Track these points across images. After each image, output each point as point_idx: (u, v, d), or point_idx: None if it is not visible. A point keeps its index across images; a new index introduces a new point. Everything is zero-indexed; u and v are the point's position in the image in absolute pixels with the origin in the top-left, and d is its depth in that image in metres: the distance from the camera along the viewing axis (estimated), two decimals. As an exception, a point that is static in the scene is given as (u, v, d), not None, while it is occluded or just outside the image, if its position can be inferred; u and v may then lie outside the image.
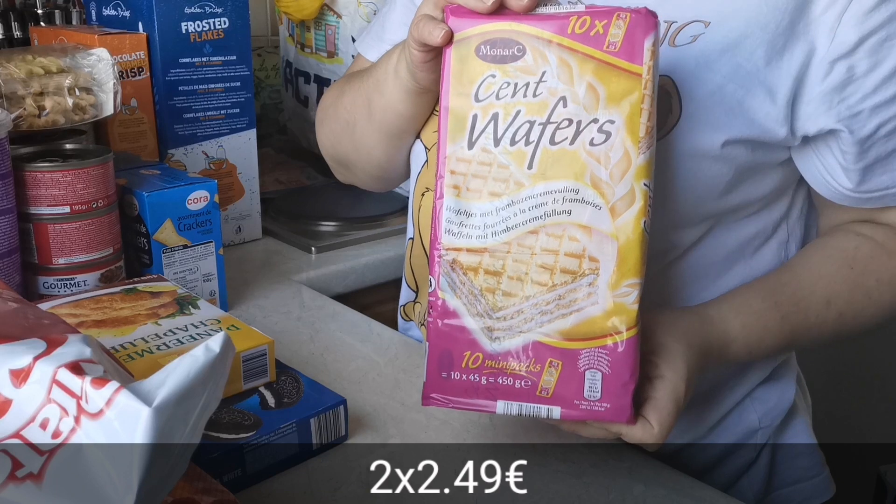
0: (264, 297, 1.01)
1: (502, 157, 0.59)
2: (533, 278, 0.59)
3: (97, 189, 0.83)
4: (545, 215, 0.58)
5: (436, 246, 0.60)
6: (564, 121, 0.58)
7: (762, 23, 0.68)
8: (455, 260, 0.59)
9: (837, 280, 0.75)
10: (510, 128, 0.59)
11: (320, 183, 1.43)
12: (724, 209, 0.75)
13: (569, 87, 0.58)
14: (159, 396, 0.40)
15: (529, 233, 0.59)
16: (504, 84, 0.59)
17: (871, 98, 0.69)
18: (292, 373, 0.75)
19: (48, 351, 0.44)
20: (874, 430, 1.70)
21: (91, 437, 0.40)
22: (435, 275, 0.60)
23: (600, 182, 0.58)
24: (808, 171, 0.76)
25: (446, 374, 0.60)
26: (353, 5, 1.32)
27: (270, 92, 1.68)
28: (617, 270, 0.58)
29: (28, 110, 0.84)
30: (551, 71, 0.58)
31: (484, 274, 0.59)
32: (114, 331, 0.72)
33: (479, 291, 0.59)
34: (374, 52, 0.93)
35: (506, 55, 0.59)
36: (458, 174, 0.59)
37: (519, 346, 0.59)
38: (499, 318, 0.59)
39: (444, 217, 0.60)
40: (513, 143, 0.59)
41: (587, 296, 0.58)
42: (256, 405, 0.69)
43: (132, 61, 1.03)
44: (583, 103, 0.58)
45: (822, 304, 0.74)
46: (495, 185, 0.59)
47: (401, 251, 1.17)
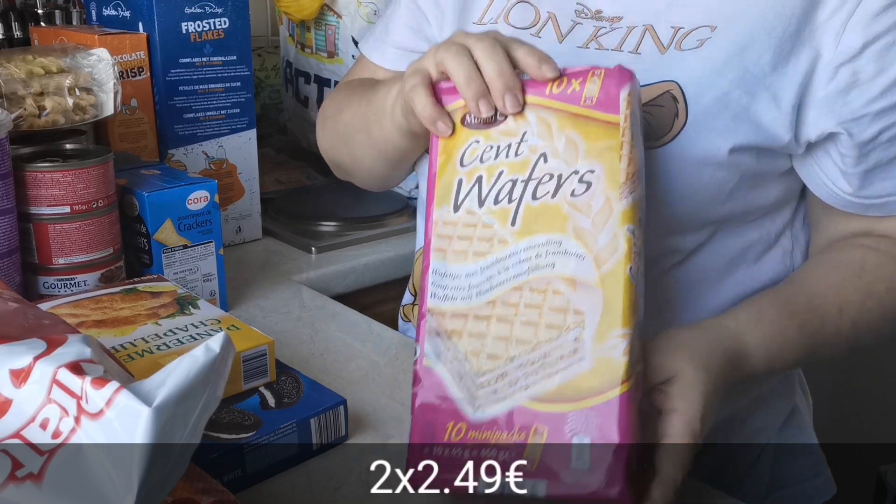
0: (264, 298, 1.01)
1: (486, 217, 0.59)
2: (517, 337, 0.56)
3: (97, 189, 0.83)
4: (529, 270, 0.57)
5: (422, 311, 0.59)
6: (545, 175, 0.59)
7: (768, 28, 0.68)
8: (440, 324, 0.58)
9: (848, 289, 0.72)
10: (493, 188, 0.59)
11: (320, 183, 1.43)
12: (726, 215, 0.75)
13: (549, 142, 0.59)
14: (159, 396, 0.40)
15: (513, 289, 0.57)
16: (487, 147, 0.60)
17: (875, 102, 0.68)
18: (292, 373, 0.75)
19: (48, 351, 0.44)
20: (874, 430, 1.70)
21: (91, 437, 0.40)
22: (420, 341, 0.58)
23: (583, 232, 0.57)
24: (808, 177, 0.76)
25: (429, 449, 0.56)
26: (353, 5, 1.32)
27: (270, 92, 1.68)
28: (602, 321, 0.55)
29: (28, 110, 0.84)
30: (531, 129, 0.60)
31: (468, 337, 0.57)
32: (114, 331, 0.72)
33: (463, 356, 0.57)
34: (378, 54, 0.93)
35: (488, 120, 0.61)
36: (444, 237, 0.60)
37: (503, 412, 0.55)
38: (482, 385, 0.56)
39: (430, 280, 0.59)
40: (496, 202, 0.59)
41: (573, 352, 0.55)
42: (256, 405, 0.69)
43: (132, 61, 1.03)
44: (563, 157, 0.58)
45: (836, 312, 0.71)
46: (480, 244, 0.59)
47: (401, 251, 1.17)
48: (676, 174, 0.71)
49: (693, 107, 0.69)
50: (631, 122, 0.58)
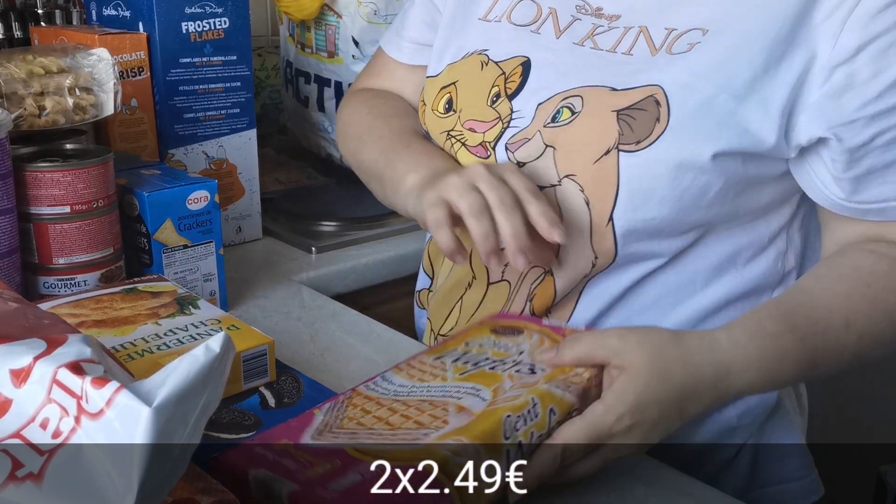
0: (264, 297, 1.01)
1: (450, 367, 0.67)
2: (387, 419, 0.61)
3: (97, 189, 0.83)
4: (440, 395, 0.63)
5: (347, 391, 0.65)
6: (510, 361, 0.67)
7: (761, 30, 0.68)
8: (352, 398, 0.64)
9: (855, 299, 0.70)
10: (471, 359, 0.68)
11: (320, 183, 1.43)
12: (711, 220, 0.74)
13: (531, 362, 0.66)
14: (159, 396, 0.40)
15: (420, 400, 0.62)
16: (494, 342, 0.70)
17: (872, 105, 0.67)
18: (292, 373, 0.75)
19: (48, 351, 0.44)
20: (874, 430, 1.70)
21: (91, 437, 0.40)
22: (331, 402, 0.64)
23: (500, 390, 0.62)
24: (804, 181, 0.75)
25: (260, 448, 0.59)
26: (353, 5, 1.31)
27: (271, 92, 1.68)
28: (454, 431, 0.57)
29: (28, 110, 0.84)
30: (527, 348, 0.68)
31: (359, 410, 0.62)
32: (114, 331, 0.72)
33: (344, 417, 0.61)
34: (395, 48, 0.98)
35: (509, 331, 0.72)
36: (414, 368, 0.68)
37: (327, 447, 0.57)
38: (329, 430, 0.60)
39: (374, 381, 0.66)
40: (464, 363, 0.67)
41: (414, 439, 0.58)
42: (256, 405, 0.70)
43: (132, 61, 1.03)
44: (536, 360, 0.66)
45: (842, 325, 0.69)
46: (427, 376, 0.66)
47: (401, 251, 1.17)
48: (655, 178, 0.70)
49: (676, 111, 0.69)
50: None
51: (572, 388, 0.62)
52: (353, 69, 1.32)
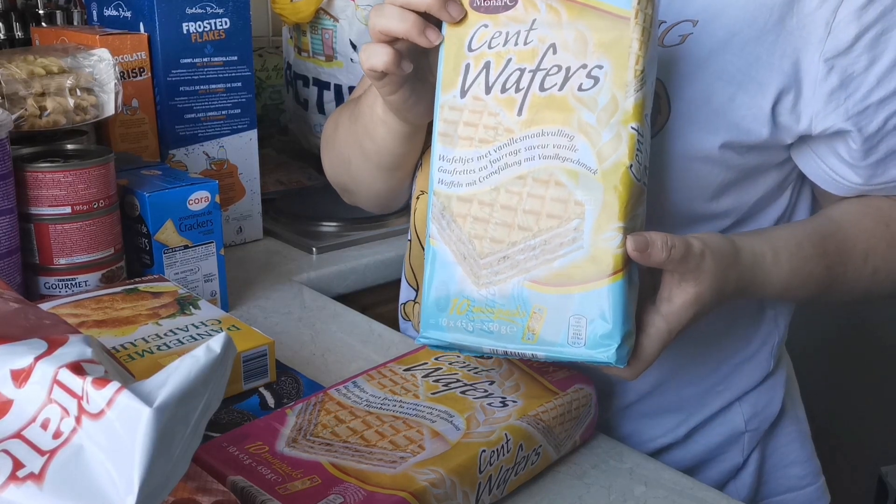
0: (265, 298, 1.01)
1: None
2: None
3: (98, 189, 0.83)
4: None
5: (318, 393, 0.64)
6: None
7: (749, 19, 0.68)
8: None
9: (876, 235, 0.74)
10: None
11: (321, 184, 1.43)
12: (717, 211, 0.75)
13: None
14: (160, 397, 0.40)
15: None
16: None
17: (875, 92, 0.68)
18: (293, 373, 0.75)
19: (49, 351, 0.44)
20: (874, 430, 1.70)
21: (92, 437, 0.40)
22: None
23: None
24: (811, 171, 0.75)
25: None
26: (350, 9, 1.31)
27: (271, 93, 1.68)
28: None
29: (29, 111, 0.84)
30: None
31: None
32: (115, 331, 0.72)
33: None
34: None
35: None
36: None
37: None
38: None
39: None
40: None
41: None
42: (256, 406, 0.70)
43: (133, 62, 1.03)
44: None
45: (861, 258, 0.73)
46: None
47: (401, 251, 1.17)
48: (662, 169, 0.71)
49: (675, 102, 0.70)
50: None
51: (540, 425, 0.63)
52: (354, 72, 1.32)
